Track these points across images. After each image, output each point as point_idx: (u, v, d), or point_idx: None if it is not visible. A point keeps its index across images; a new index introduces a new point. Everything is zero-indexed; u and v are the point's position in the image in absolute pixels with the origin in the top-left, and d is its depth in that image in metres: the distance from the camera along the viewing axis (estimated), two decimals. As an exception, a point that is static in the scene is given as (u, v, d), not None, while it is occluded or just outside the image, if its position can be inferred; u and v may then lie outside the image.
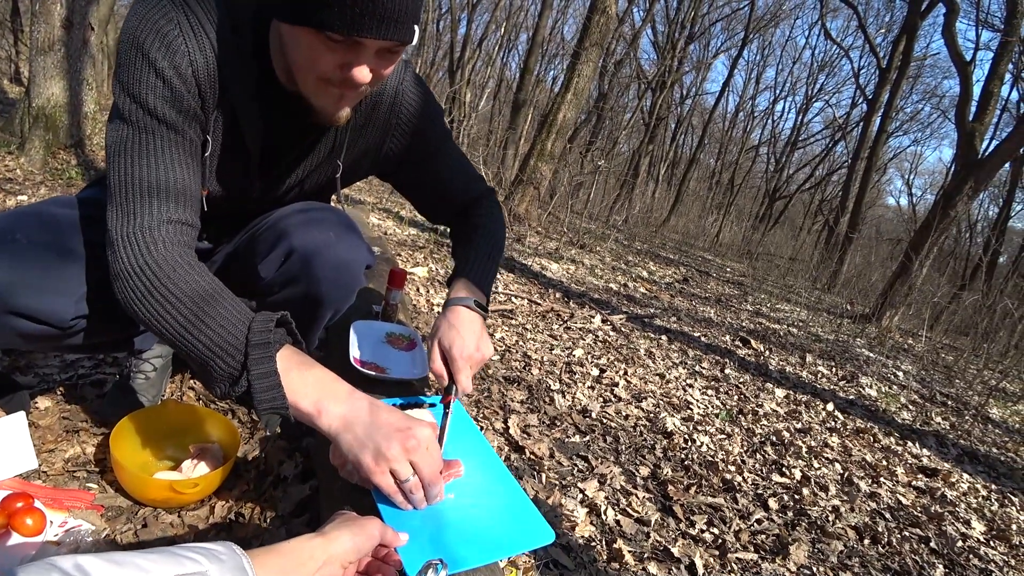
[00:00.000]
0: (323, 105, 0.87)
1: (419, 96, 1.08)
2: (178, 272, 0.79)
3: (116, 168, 0.82)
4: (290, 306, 1.11)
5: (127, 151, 0.82)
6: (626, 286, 5.45)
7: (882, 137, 12.39)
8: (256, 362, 0.74)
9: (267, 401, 0.74)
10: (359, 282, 1.14)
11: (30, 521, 0.92)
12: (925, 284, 7.45)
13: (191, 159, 0.87)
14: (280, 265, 1.06)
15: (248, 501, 1.11)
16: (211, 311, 0.77)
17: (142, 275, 0.78)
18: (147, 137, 0.82)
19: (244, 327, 0.76)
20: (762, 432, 2.56)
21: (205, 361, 0.76)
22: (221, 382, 0.76)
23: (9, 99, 6.26)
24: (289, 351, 0.78)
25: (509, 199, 7.00)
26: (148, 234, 0.80)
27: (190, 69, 0.83)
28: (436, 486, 0.79)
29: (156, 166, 0.82)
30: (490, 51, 16.38)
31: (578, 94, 6.87)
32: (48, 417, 1.20)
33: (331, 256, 1.06)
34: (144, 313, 0.78)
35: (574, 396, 2.34)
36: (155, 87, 0.81)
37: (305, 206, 1.13)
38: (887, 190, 29.25)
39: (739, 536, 1.68)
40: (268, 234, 1.09)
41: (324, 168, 1.08)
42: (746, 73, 23.71)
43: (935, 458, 2.84)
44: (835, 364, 4.34)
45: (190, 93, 0.84)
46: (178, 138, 0.84)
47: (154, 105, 0.81)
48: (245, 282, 1.14)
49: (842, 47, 18.40)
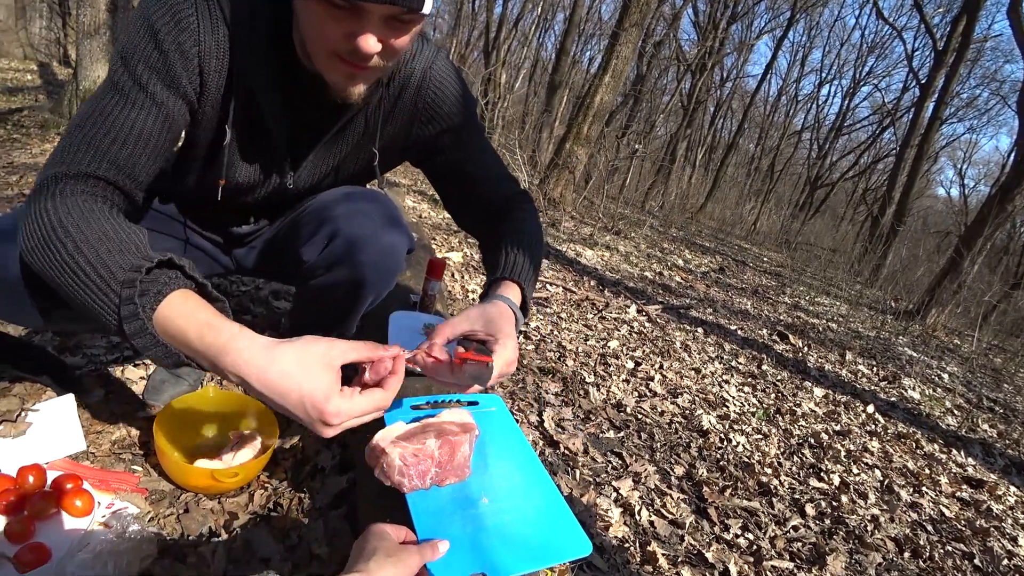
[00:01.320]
0: (335, 80, 0.84)
1: (449, 81, 1.04)
2: (74, 215, 0.71)
3: (76, 119, 0.80)
4: (332, 290, 1.11)
5: (94, 110, 0.79)
6: (661, 275, 5.37)
7: (935, 124, 11.83)
8: (128, 319, 0.65)
9: (154, 358, 0.67)
10: (400, 267, 1.12)
11: (79, 503, 0.94)
12: (975, 282, 7.15)
13: (159, 138, 0.83)
14: (323, 249, 1.05)
15: (286, 490, 1.12)
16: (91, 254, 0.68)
17: (38, 218, 0.72)
18: (120, 101, 0.80)
19: (123, 273, 0.67)
20: (800, 433, 2.50)
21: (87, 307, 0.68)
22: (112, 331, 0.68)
23: (59, 81, 6.44)
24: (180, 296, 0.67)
25: (544, 183, 6.93)
26: (66, 184, 0.75)
27: (196, 49, 0.82)
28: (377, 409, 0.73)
29: (111, 131, 0.78)
30: (526, 31, 16.13)
31: (616, 76, 6.72)
32: (96, 399, 1.23)
33: (375, 241, 1.04)
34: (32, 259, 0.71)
35: (609, 389, 2.31)
36: (150, 57, 0.80)
37: (349, 190, 1.11)
38: (937, 180, 28.10)
39: (774, 543, 1.65)
40: (311, 218, 1.08)
41: (357, 154, 1.06)
42: (790, 55, 22.76)
43: (981, 468, 2.74)
44: (876, 363, 4.21)
45: (188, 72, 0.83)
46: (153, 112, 0.81)
47: (142, 74, 0.80)
48: (286, 266, 1.15)
49: (895, 27, 17.57)
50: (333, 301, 1.13)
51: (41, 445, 1.04)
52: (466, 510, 0.83)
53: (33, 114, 4.27)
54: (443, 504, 0.83)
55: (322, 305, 1.15)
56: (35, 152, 3.40)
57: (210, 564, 0.92)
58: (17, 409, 1.12)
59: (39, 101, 5.11)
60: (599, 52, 16.85)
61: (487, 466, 0.93)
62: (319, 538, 1.00)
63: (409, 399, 1.00)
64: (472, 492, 0.87)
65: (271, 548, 0.97)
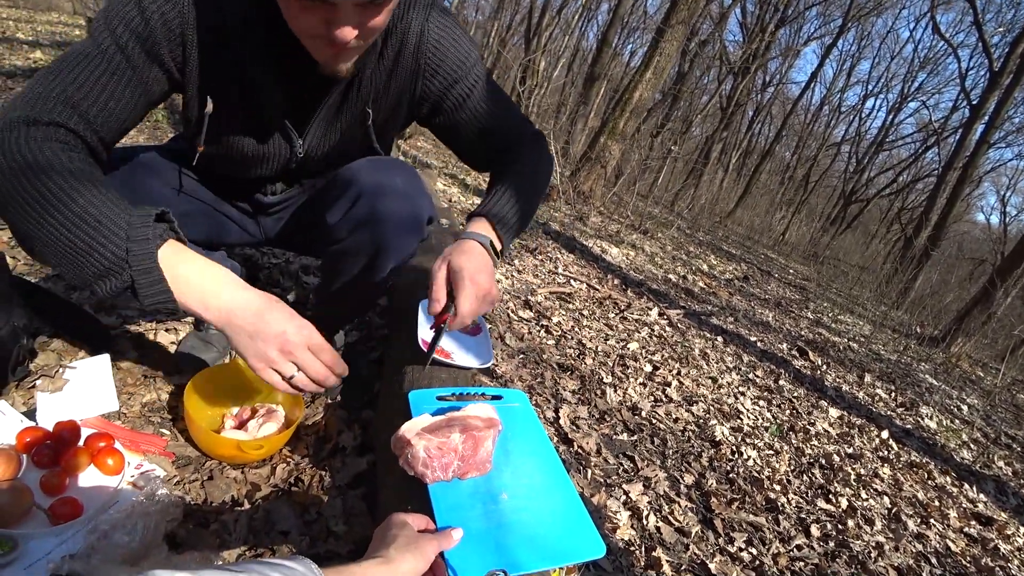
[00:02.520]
0: (322, 60, 0.87)
1: (447, 34, 1.05)
2: (55, 168, 0.73)
3: (51, 66, 0.82)
4: (355, 254, 1.13)
5: (68, 60, 0.81)
6: (685, 278, 5.33)
7: (982, 147, 11.45)
8: (138, 258, 0.71)
9: (151, 297, 0.73)
10: (422, 233, 1.14)
11: (111, 461, 0.98)
12: (1007, 314, 6.98)
13: (129, 99, 0.85)
14: (347, 211, 1.08)
15: (307, 466, 1.15)
16: (87, 205, 0.71)
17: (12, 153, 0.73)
18: (97, 59, 0.81)
19: (124, 222, 0.72)
20: (811, 453, 2.48)
21: (81, 259, 0.71)
22: (101, 279, 0.72)
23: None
24: (173, 246, 0.75)
25: (575, 175, 6.89)
26: (34, 127, 0.76)
27: (179, 20, 0.84)
28: (328, 378, 0.84)
29: (84, 85, 0.80)
30: (569, 19, 15.92)
31: (658, 73, 6.63)
32: (128, 360, 1.27)
33: (398, 203, 1.07)
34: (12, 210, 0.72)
35: (625, 391, 2.32)
36: (131, 20, 0.82)
37: (374, 159, 1.13)
38: (977, 205, 27.31)
39: (777, 560, 1.65)
40: (336, 184, 1.11)
41: (357, 116, 1.07)
42: (838, 64, 22.23)
43: (992, 506, 2.69)
44: (895, 388, 4.15)
45: (170, 43, 0.85)
46: (127, 74, 0.83)
47: (121, 35, 0.82)
48: (311, 232, 1.17)
49: (951, 44, 16.96)
50: (357, 266, 1.15)
51: (76, 402, 1.08)
52: (485, 505, 0.85)
53: (81, 68, 4.34)
54: (463, 498, 0.85)
55: (346, 272, 1.17)
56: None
57: (232, 532, 0.95)
58: (55, 365, 1.16)
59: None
60: (641, 46, 16.61)
61: (508, 462, 0.95)
62: (337, 516, 1.03)
63: (435, 390, 1.02)
64: (492, 487, 0.89)
65: (290, 521, 1.00)
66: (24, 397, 1.09)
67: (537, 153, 1.16)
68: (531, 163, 1.14)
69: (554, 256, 4.04)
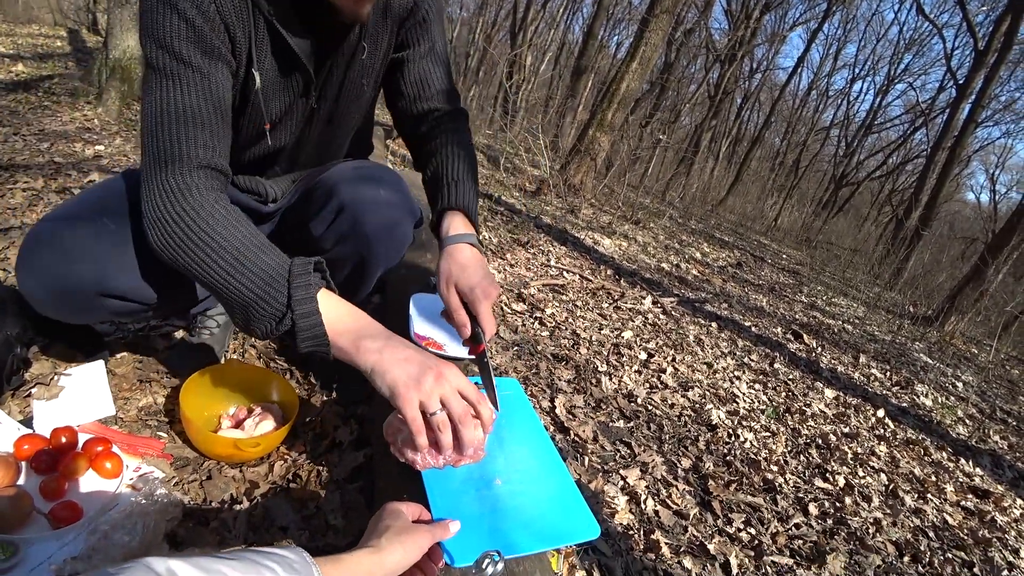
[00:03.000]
0: (344, 4, 0.87)
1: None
2: (216, 218, 0.80)
3: (148, 116, 0.83)
4: (341, 264, 1.13)
5: (157, 100, 0.82)
6: (678, 267, 5.35)
7: (970, 127, 11.52)
8: (299, 302, 0.77)
9: (310, 339, 0.77)
10: (407, 239, 1.15)
11: (109, 465, 0.98)
12: (999, 291, 7.03)
13: (221, 102, 0.86)
14: (331, 223, 1.08)
15: (305, 462, 1.16)
16: (252, 256, 0.78)
17: (180, 222, 0.79)
18: (174, 83, 0.82)
19: (285, 269, 0.79)
20: (808, 433, 2.50)
21: (248, 303, 0.78)
22: (265, 322, 0.78)
23: (88, 48, 6.49)
24: (325, 293, 0.80)
25: (565, 169, 6.90)
26: (182, 180, 0.80)
27: (213, 6, 0.82)
28: (467, 429, 0.78)
29: (187, 118, 0.82)
30: (554, 13, 15.93)
31: (644, 64, 6.64)
32: (124, 366, 1.28)
33: (380, 214, 1.07)
34: (185, 260, 0.79)
35: (620, 379, 2.33)
36: (178, 29, 0.81)
37: (357, 165, 1.14)
38: (967, 184, 27.46)
39: (776, 539, 1.67)
40: (320, 192, 1.11)
41: (366, 66, 1.06)
42: (824, 48, 22.25)
43: (988, 479, 2.73)
44: (890, 368, 4.18)
45: (215, 31, 0.84)
46: (205, 82, 0.84)
47: (179, 48, 0.81)
48: (298, 239, 1.17)
49: (935, 24, 17.02)
50: (342, 275, 1.16)
51: (73, 408, 1.09)
52: (480, 490, 0.86)
53: (63, 82, 4.31)
54: (457, 484, 0.86)
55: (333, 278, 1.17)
56: (65, 120, 3.45)
57: (231, 529, 0.96)
58: (50, 372, 1.17)
59: (69, 68, 5.16)
60: (627, 38, 16.61)
61: (502, 448, 0.96)
62: (335, 510, 1.04)
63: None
64: (486, 473, 0.90)
65: (289, 517, 1.01)
66: (20, 406, 1.10)
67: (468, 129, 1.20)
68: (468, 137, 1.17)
69: (546, 249, 4.05)
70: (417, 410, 0.75)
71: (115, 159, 2.92)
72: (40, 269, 0.90)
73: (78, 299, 0.92)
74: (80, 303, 0.93)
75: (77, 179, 2.42)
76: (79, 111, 3.71)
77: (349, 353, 0.79)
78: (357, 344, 0.78)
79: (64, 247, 0.89)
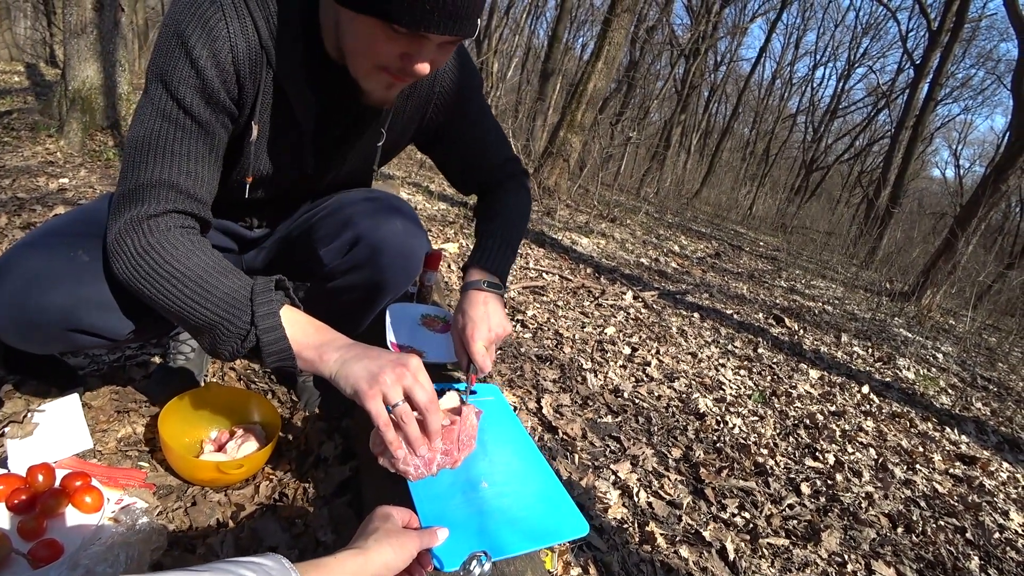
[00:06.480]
0: (373, 88, 0.86)
1: (461, 67, 1.07)
2: (180, 250, 0.80)
3: (134, 152, 0.81)
4: (350, 291, 1.13)
5: (148, 140, 0.81)
6: (657, 260, 5.39)
7: (930, 105, 11.82)
8: (262, 317, 0.78)
9: (275, 353, 0.79)
10: (418, 269, 1.16)
11: (89, 499, 0.96)
12: (970, 262, 7.19)
13: (212, 156, 0.86)
14: (345, 252, 1.07)
15: (291, 481, 1.14)
16: (214, 280, 0.79)
17: (146, 255, 0.79)
18: (171, 129, 0.81)
19: (248, 290, 0.80)
20: (795, 415, 2.53)
21: (213, 325, 0.79)
22: (230, 342, 0.80)
23: (46, 81, 6.38)
24: (289, 309, 0.81)
25: (538, 172, 6.92)
26: (152, 220, 0.80)
27: (230, 56, 0.81)
28: (432, 416, 0.78)
29: (174, 162, 0.81)
30: (518, 19, 16.00)
31: (609, 63, 6.71)
32: (100, 398, 1.25)
33: (398, 246, 1.07)
34: (150, 291, 0.80)
35: (606, 375, 2.34)
36: (189, 79, 0.79)
37: (368, 194, 1.13)
38: (932, 161, 28.04)
39: (770, 521, 1.68)
40: (331, 220, 1.09)
41: (372, 138, 1.06)
42: (784, 38, 22.79)
43: (974, 445, 2.78)
44: (871, 344, 4.25)
45: (226, 84, 0.82)
46: (203, 133, 0.83)
47: (184, 96, 0.80)
48: (301, 266, 1.16)
49: (889, 8, 17.45)
50: (349, 301, 1.15)
51: (49, 444, 1.06)
52: (466, 494, 0.86)
53: (23, 116, 4.24)
54: (444, 489, 0.85)
55: (338, 304, 1.17)
56: (27, 155, 3.39)
57: (219, 554, 0.94)
58: (23, 410, 1.14)
59: (28, 103, 5.07)
60: (592, 39, 16.74)
61: (486, 452, 0.96)
62: (324, 525, 1.03)
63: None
64: (472, 477, 0.90)
65: (278, 536, 0.99)
66: (-7, 446, 1.07)
67: (524, 192, 1.24)
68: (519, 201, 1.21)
69: (524, 252, 4.06)
70: (380, 404, 0.75)
71: (80, 191, 2.87)
72: (6, 299, 0.88)
73: (45, 333, 0.90)
74: (48, 337, 0.91)
75: (42, 213, 2.37)
76: (40, 144, 3.64)
77: (313, 363, 0.79)
78: (320, 354, 0.79)
79: (33, 278, 0.87)
